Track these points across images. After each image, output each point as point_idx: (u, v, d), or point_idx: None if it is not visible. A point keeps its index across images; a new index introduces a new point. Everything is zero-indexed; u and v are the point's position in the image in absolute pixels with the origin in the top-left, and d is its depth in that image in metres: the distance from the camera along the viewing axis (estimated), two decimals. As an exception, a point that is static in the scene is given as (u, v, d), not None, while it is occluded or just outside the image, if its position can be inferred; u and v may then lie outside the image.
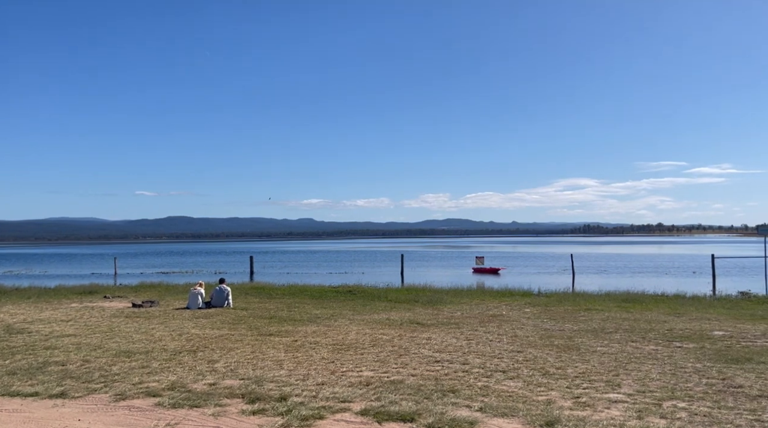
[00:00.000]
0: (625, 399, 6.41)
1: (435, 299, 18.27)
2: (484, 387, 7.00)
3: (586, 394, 6.62)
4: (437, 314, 14.71)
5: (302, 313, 14.99)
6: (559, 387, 6.96)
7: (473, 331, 11.77)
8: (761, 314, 14.36)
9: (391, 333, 11.54)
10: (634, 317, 13.97)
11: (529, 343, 10.29)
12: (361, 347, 9.87)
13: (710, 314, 14.53)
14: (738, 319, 13.52)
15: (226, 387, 7.04)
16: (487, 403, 6.19)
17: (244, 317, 14.30)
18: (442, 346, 9.95)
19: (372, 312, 15.26)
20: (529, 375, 7.64)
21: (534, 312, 15.11)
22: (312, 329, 12.16)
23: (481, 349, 9.66)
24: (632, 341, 10.46)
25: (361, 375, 7.71)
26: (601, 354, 9.15)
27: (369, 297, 19.24)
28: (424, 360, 8.67)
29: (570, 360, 8.71)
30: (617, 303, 17.08)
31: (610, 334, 11.30)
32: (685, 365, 8.25)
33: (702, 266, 39.39)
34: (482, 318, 13.90)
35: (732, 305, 16.84)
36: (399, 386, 7.01)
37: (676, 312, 14.82)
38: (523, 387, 6.98)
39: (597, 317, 13.87)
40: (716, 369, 7.91)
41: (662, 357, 8.92)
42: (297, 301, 18.14)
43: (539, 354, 9.22)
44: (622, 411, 5.91)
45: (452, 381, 7.32)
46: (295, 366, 8.27)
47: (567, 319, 13.69)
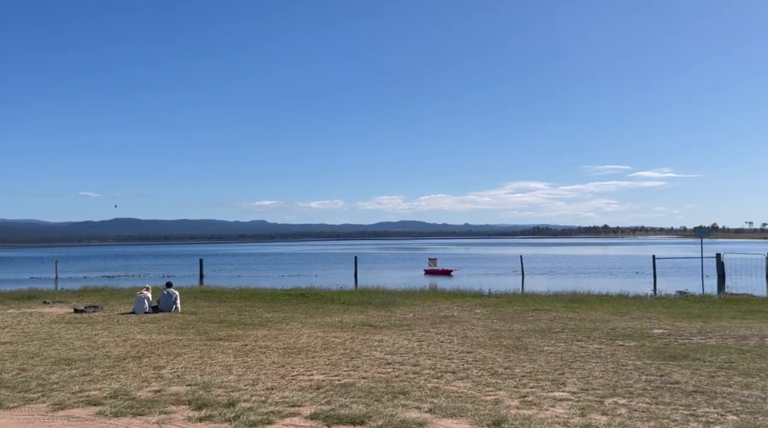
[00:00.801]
0: (569, 397, 6.59)
1: (388, 301, 18.33)
2: (435, 388, 7.07)
3: (533, 393, 6.77)
4: (390, 316, 14.77)
5: (253, 317, 14.77)
6: (506, 387, 7.10)
7: (425, 332, 11.88)
8: (697, 313, 15.05)
9: (344, 335, 11.52)
10: (580, 316, 14.40)
11: (479, 344, 10.46)
12: (313, 350, 9.81)
13: (651, 313, 15.12)
14: (676, 317, 14.12)
15: (172, 393, 6.86)
16: (436, 404, 6.25)
17: (193, 321, 13.98)
18: (393, 348, 9.99)
19: (324, 315, 15.18)
20: (479, 376, 7.76)
21: (484, 313, 15.36)
22: (263, 333, 11.99)
23: (432, 350, 9.76)
24: (578, 340, 10.77)
25: (312, 378, 7.65)
26: (547, 354, 9.39)
27: (322, 300, 19.13)
28: (376, 363, 8.68)
29: (518, 359, 8.90)
30: (564, 303, 17.56)
31: (556, 334, 11.61)
32: (626, 363, 8.55)
33: (644, 267, 40.95)
34: (434, 320, 14.04)
35: (671, 304, 17.59)
36: (350, 389, 6.99)
37: (620, 312, 15.36)
38: (472, 388, 7.09)
39: (545, 318, 14.22)
40: (655, 366, 8.24)
41: (605, 355, 9.23)
42: (248, 305, 17.85)
43: (488, 354, 9.38)
44: (566, 409, 6.07)
45: (403, 382, 7.37)
46: (244, 371, 8.14)
47: (516, 319, 13.98)
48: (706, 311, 15.36)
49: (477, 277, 37.17)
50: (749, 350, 9.55)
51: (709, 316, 14.38)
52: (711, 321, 13.48)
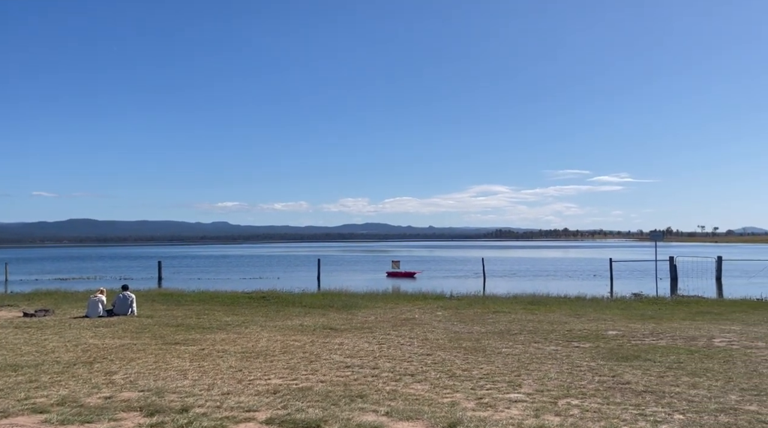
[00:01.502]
0: (524, 398, 6.69)
1: (350, 304, 18.29)
2: (392, 391, 7.08)
3: (489, 395, 6.85)
4: (351, 319, 14.73)
5: (212, 320, 14.52)
6: (464, 389, 7.16)
7: (386, 335, 11.89)
8: (650, 314, 15.50)
9: (304, 339, 11.43)
10: (539, 318, 14.65)
11: (439, 346, 10.52)
12: (272, 354, 9.70)
13: (606, 314, 15.50)
14: (630, 319, 14.51)
15: (123, 400, 6.67)
16: (393, 407, 6.26)
17: (149, 325, 13.65)
18: (353, 351, 9.97)
19: (285, 318, 15.04)
20: (437, 378, 7.80)
21: (445, 315, 15.48)
22: (221, 336, 11.80)
23: (392, 353, 9.77)
24: (535, 342, 10.95)
25: (270, 383, 7.56)
26: (505, 355, 9.51)
27: (283, 303, 18.95)
28: (335, 366, 8.64)
29: (476, 361, 8.99)
30: (523, 306, 17.85)
31: (515, 335, 11.78)
32: (581, 364, 8.74)
33: (601, 270, 41.96)
34: (395, 322, 14.07)
35: (626, 306, 18.08)
36: (307, 393, 6.94)
37: (576, 314, 15.70)
38: (430, 390, 7.12)
39: (504, 320, 14.42)
40: (608, 367, 8.44)
41: (561, 356, 9.40)
42: (207, 308, 17.55)
43: (447, 356, 9.45)
44: (521, 410, 6.16)
45: (361, 386, 7.34)
46: (200, 376, 7.98)
47: (476, 321, 14.13)
48: (658, 313, 15.83)
49: (439, 279, 37.46)
50: (697, 350, 9.88)
51: (662, 318, 14.82)
52: (663, 322, 13.90)
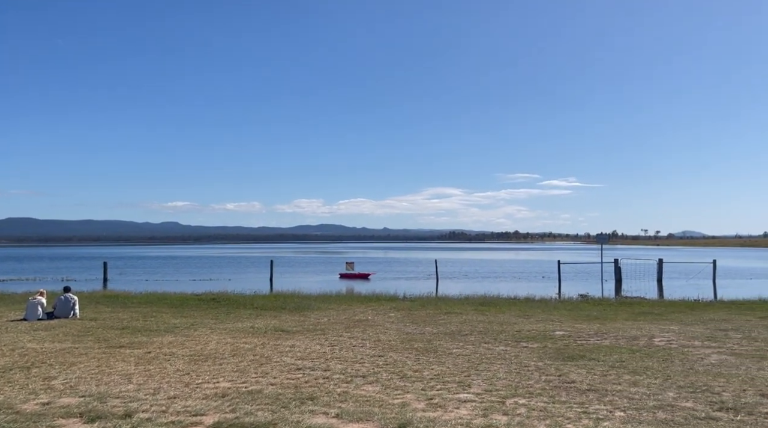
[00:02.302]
0: (473, 398, 6.79)
1: (302, 306, 18.14)
2: (343, 392, 7.06)
3: (439, 395, 6.92)
4: (303, 321, 14.62)
5: (159, 323, 14.13)
6: (414, 390, 7.21)
7: (338, 337, 11.85)
8: (595, 315, 16.00)
9: (254, 341, 11.26)
10: (489, 319, 14.90)
11: (391, 347, 10.56)
12: (221, 357, 9.52)
13: (554, 315, 15.90)
14: (576, 320, 14.94)
15: (62, 406, 6.41)
16: (344, 409, 6.24)
17: (92, 328, 13.17)
18: (305, 353, 9.89)
19: (236, 321, 14.79)
20: (388, 379, 7.83)
21: (398, 317, 15.55)
22: (169, 339, 11.50)
23: (344, 355, 9.74)
24: (485, 342, 11.14)
25: (218, 386, 7.42)
26: (456, 356, 9.63)
27: (234, 305, 18.62)
28: (286, 368, 8.55)
29: (427, 362, 9.07)
30: (475, 307, 18.12)
31: (465, 336, 11.94)
32: (528, 364, 8.94)
33: (550, 272, 43.03)
34: (348, 324, 14.04)
35: (573, 307, 18.59)
36: (257, 396, 6.84)
37: (526, 314, 16.04)
38: (381, 391, 7.14)
39: (455, 321, 14.60)
40: (554, 367, 8.66)
41: (510, 356, 9.60)
42: (154, 310, 17.06)
43: (399, 357, 9.49)
44: (470, 410, 6.25)
45: (312, 388, 7.30)
46: (145, 380, 7.76)
47: (428, 322, 14.26)
48: (603, 314, 16.34)
49: (393, 281, 37.60)
50: (638, 349, 10.26)
51: (606, 318, 15.32)
52: (607, 322, 14.37)
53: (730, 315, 15.97)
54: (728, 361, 9.15)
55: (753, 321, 14.76)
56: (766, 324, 14.10)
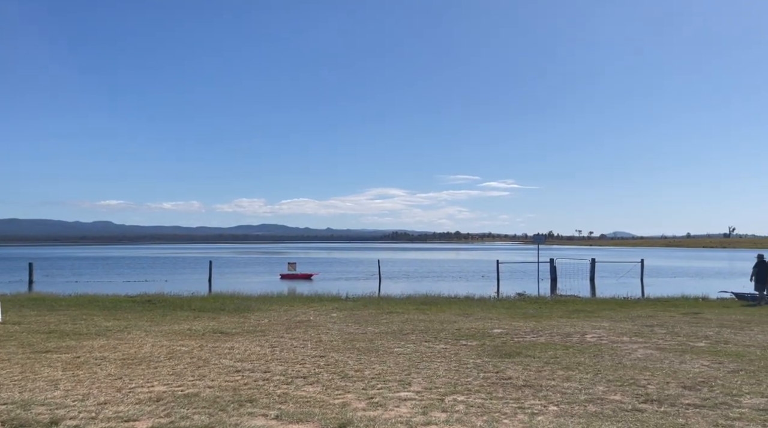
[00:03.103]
0: (414, 396, 6.87)
1: (243, 307, 17.82)
2: (284, 394, 6.98)
3: (380, 394, 6.96)
4: (243, 323, 14.36)
5: (90, 326, 13.52)
6: (355, 389, 7.22)
7: (279, 338, 11.70)
8: (532, 313, 16.50)
9: (192, 343, 10.96)
10: (430, 318, 15.10)
11: (333, 347, 10.53)
12: (156, 360, 9.21)
13: (492, 314, 16.29)
14: (514, 318, 15.35)
15: (-19, 415, 6.03)
16: (284, 410, 6.18)
17: (16, 332, 12.45)
18: (245, 355, 9.71)
19: (172, 323, 14.35)
20: (329, 379, 7.80)
21: (340, 317, 15.52)
22: (100, 343, 11.02)
23: (284, 356, 9.64)
24: (426, 341, 11.28)
25: (153, 390, 7.18)
26: (397, 355, 9.71)
27: (170, 307, 18.06)
28: (224, 371, 8.37)
29: (369, 362, 9.10)
30: (416, 306, 18.32)
31: (407, 335, 12.05)
32: (467, 361, 9.12)
33: (489, 271, 44.04)
34: (289, 325, 13.90)
35: (510, 305, 19.10)
36: (193, 399, 6.66)
37: (465, 313, 16.35)
38: (322, 392, 7.11)
39: (397, 320, 14.71)
40: (492, 364, 8.88)
41: (450, 354, 9.76)
42: (85, 313, 16.31)
43: (341, 357, 9.48)
44: (409, 408, 6.32)
45: (251, 390, 7.18)
46: (74, 386, 7.41)
47: (370, 322, 14.30)
48: (539, 312, 16.87)
49: (336, 281, 37.50)
50: (571, 346, 10.66)
51: (542, 316, 15.82)
52: (543, 320, 14.84)
53: (655, 312, 16.83)
54: (653, 355, 9.64)
55: (676, 317, 15.62)
56: (688, 319, 14.96)
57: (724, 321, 14.68)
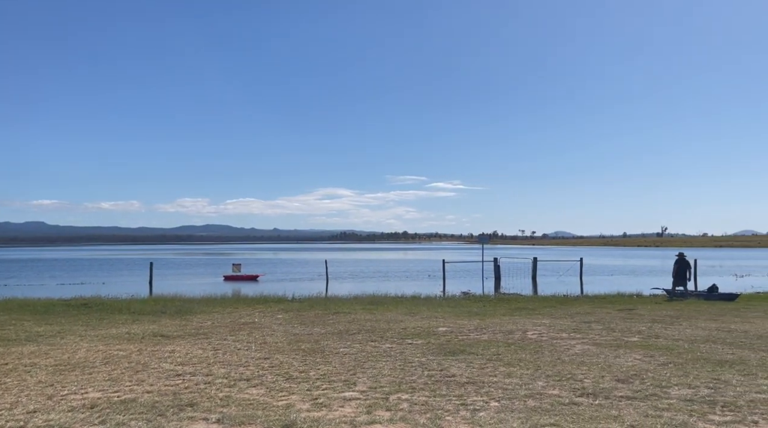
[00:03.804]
0: (358, 396, 6.88)
1: (185, 309, 17.36)
2: (226, 397, 6.85)
3: (324, 395, 6.93)
4: (185, 325, 13.99)
5: (19, 331, 12.86)
6: (300, 391, 7.16)
7: (222, 340, 11.47)
8: (476, 311, 16.81)
9: (130, 347, 10.59)
10: (376, 318, 15.15)
11: (278, 349, 10.41)
12: (91, 366, 8.85)
13: (438, 312, 16.50)
14: (459, 316, 15.60)
15: None
16: (226, 413, 6.06)
17: (-64, 340, 11.69)
18: (186, 358, 9.47)
19: (110, 326, 13.83)
20: (273, 381, 7.71)
21: (286, 318, 15.36)
22: (30, 349, 10.49)
23: (227, 358, 9.45)
24: (372, 340, 11.31)
25: (87, 397, 6.89)
26: (343, 355, 9.69)
27: (108, 310, 17.40)
28: (164, 375, 8.13)
29: (314, 362, 9.04)
30: (363, 306, 18.34)
31: (353, 335, 12.05)
32: (412, 360, 9.20)
33: (435, 270, 44.59)
34: (233, 327, 13.64)
35: (456, 304, 19.40)
36: (130, 405, 6.44)
37: (412, 312, 16.49)
38: (266, 394, 7.02)
39: (344, 320, 14.68)
40: (437, 362, 8.99)
41: (395, 353, 9.82)
42: (14, 318, 15.49)
43: (285, 359, 9.38)
44: (354, 408, 6.32)
45: (192, 394, 7.01)
46: (0, 394, 7.02)
47: (316, 323, 14.22)
48: (483, 310, 17.21)
49: (283, 282, 37.06)
50: (513, 343, 10.93)
51: (486, 314, 16.14)
52: (487, 318, 15.15)
53: (593, 309, 17.48)
54: (590, 351, 10.01)
55: (612, 313, 16.27)
56: (623, 315, 15.61)
57: (656, 316, 15.40)
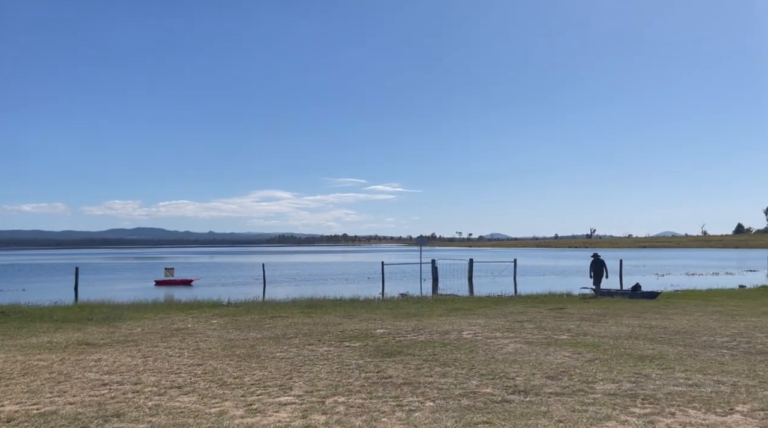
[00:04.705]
0: (294, 400, 6.80)
1: (113, 316, 16.62)
2: (155, 406, 6.61)
3: (259, 400, 6.81)
4: (113, 333, 13.40)
5: (-74, 343, 11.93)
6: (234, 397, 7.01)
7: (153, 347, 11.06)
8: (413, 312, 16.99)
9: (52, 357, 10.04)
10: (314, 321, 15.04)
11: (211, 355, 10.14)
12: (8, 377, 8.32)
13: (377, 314, 16.56)
14: (396, 318, 15.72)
15: None
16: (155, 423, 5.85)
17: None
18: (113, 367, 9.07)
19: (30, 336, 13.06)
20: (206, 388, 7.51)
21: (221, 323, 14.99)
22: (-62, 362, 9.75)
23: (158, 366, 9.13)
24: (309, 344, 11.21)
25: (2, 410, 6.48)
26: (279, 360, 9.56)
27: (28, 318, 16.42)
28: (89, 385, 7.76)
29: (249, 368, 8.87)
30: (301, 309, 18.16)
31: (290, 339, 11.91)
32: (350, 362, 9.19)
33: (375, 273, 44.77)
34: (165, 333, 13.19)
35: (394, 305, 19.54)
36: (50, 418, 6.11)
37: (350, 315, 16.48)
38: (198, 401, 6.82)
39: (281, 324, 14.49)
40: (374, 364, 9.02)
41: (332, 357, 9.78)
42: None
43: (219, 365, 9.15)
44: (289, 413, 6.25)
45: (119, 404, 6.72)
46: None
47: (252, 328, 13.96)
48: (420, 311, 17.42)
49: (218, 287, 36.20)
50: (449, 343, 11.12)
51: (423, 315, 16.34)
52: (424, 319, 15.34)
53: (526, 308, 18.04)
54: (522, 349, 10.32)
55: (543, 312, 16.85)
56: (554, 314, 16.19)
57: (584, 314, 16.07)
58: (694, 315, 15.78)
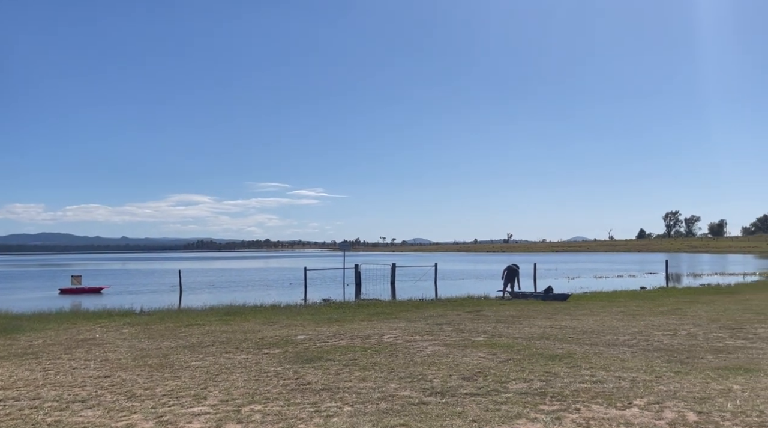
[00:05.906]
0: (208, 410, 6.59)
1: (11, 327, 15.45)
2: (56, 421, 6.20)
3: (171, 411, 6.55)
4: (11, 345, 12.46)
5: None
6: (143, 409, 6.69)
7: (55, 360, 10.37)
8: (336, 318, 16.94)
9: (-63, 374, 9.18)
10: (233, 329, 14.65)
11: (120, 366, 9.65)
12: None
13: (298, 320, 16.37)
14: (318, 323, 15.61)
15: None
16: (54, 441, 5.49)
17: None
18: (9, 382, 8.43)
19: None
20: (113, 401, 7.13)
21: (132, 332, 14.29)
22: None
23: (60, 379, 8.57)
24: (226, 352, 10.91)
25: None
26: (194, 369, 9.24)
27: None
28: (-20, 403, 7.16)
29: (161, 378, 8.51)
30: (219, 317, 17.64)
31: (206, 347, 11.54)
32: (268, 369, 9.02)
33: (298, 278, 44.25)
34: (69, 344, 12.41)
35: (316, 311, 19.39)
36: (-67, 441, 5.58)
37: (270, 321, 16.19)
38: (103, 415, 6.46)
39: (197, 332, 14.01)
40: (293, 370, 8.91)
41: (250, 364, 9.57)
42: None
43: (129, 376, 8.72)
44: (203, 423, 6.05)
45: (15, 421, 6.25)
46: None
47: (167, 336, 13.41)
48: (342, 316, 17.39)
49: (131, 295, 34.50)
50: (370, 347, 11.17)
51: (345, 320, 16.32)
52: (346, 324, 15.33)
53: (445, 311, 18.44)
54: (440, 351, 10.54)
55: (462, 314, 17.29)
56: (472, 317, 16.65)
57: (500, 316, 16.64)
58: (600, 316, 16.73)
